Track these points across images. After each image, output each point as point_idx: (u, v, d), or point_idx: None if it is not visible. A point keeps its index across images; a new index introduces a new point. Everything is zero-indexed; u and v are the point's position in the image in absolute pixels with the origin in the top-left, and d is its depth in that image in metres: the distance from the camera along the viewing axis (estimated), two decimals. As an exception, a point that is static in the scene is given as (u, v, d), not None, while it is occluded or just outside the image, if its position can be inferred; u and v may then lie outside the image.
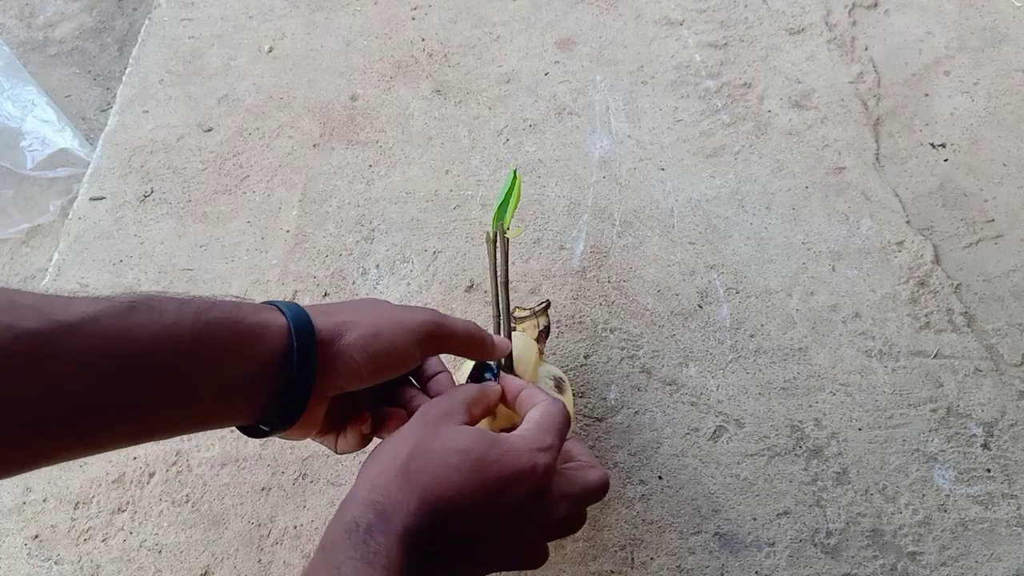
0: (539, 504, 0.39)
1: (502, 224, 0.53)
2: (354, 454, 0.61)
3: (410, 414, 0.43)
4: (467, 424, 0.40)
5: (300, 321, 0.38)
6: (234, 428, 0.41)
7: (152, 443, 0.61)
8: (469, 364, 0.57)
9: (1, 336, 0.29)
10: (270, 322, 0.37)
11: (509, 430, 0.41)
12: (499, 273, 0.52)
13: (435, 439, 0.38)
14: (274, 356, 0.37)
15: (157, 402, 0.34)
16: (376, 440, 0.44)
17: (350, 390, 0.40)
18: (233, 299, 0.38)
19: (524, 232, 0.73)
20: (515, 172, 0.52)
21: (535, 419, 0.42)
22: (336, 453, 0.46)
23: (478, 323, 0.47)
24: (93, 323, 0.31)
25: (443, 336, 0.43)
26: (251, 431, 0.40)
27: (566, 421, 0.42)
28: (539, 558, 0.41)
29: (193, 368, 0.34)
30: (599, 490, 0.42)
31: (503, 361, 0.52)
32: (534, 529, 0.39)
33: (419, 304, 0.69)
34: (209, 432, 0.62)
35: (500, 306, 0.53)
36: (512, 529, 0.38)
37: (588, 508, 0.45)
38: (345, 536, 0.33)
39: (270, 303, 0.39)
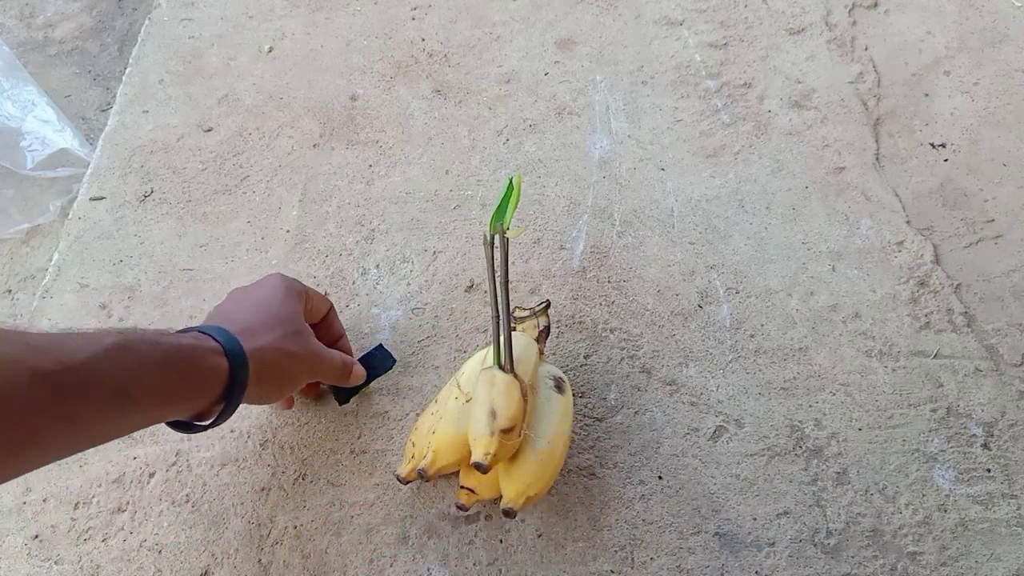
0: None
1: (502, 224, 0.53)
2: (354, 456, 0.61)
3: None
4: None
5: (238, 363, 0.48)
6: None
7: (153, 443, 0.62)
8: (474, 365, 0.57)
9: (25, 376, 0.37)
10: (217, 364, 0.47)
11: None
12: (499, 273, 0.52)
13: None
14: (217, 385, 0.47)
15: (122, 423, 0.43)
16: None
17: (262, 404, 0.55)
18: (191, 342, 0.47)
19: (524, 232, 0.73)
20: (511, 180, 0.52)
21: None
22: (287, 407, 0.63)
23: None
24: (91, 364, 0.40)
25: (316, 375, 0.57)
26: (178, 425, 0.50)
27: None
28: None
29: (151, 401, 0.44)
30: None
31: (505, 362, 0.52)
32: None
33: (419, 304, 0.69)
34: (209, 432, 0.62)
35: (499, 306, 0.53)
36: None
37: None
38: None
39: (211, 337, 0.48)
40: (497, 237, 0.52)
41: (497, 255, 0.52)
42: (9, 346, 0.37)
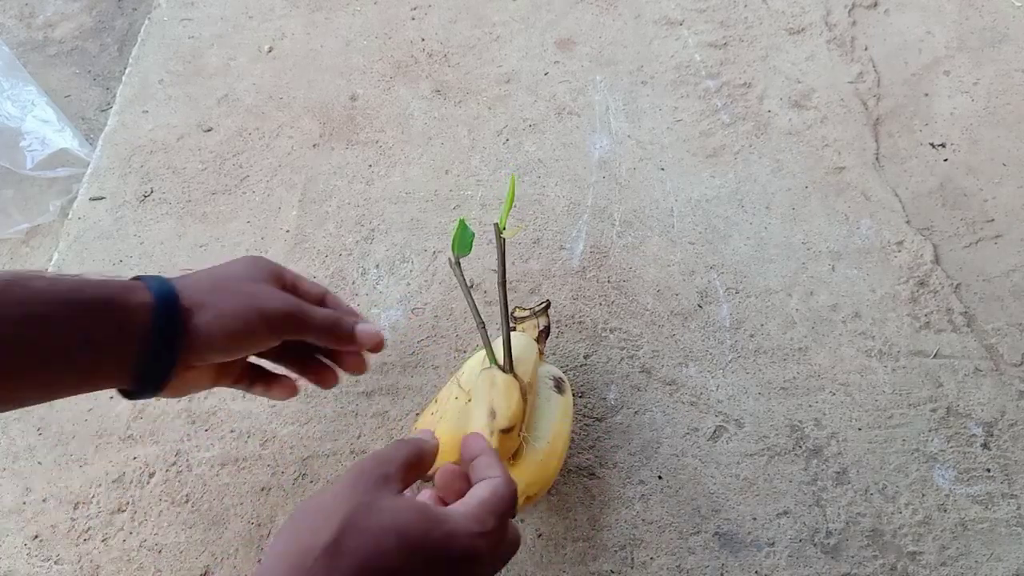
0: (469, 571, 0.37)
1: (497, 225, 0.53)
2: (354, 456, 0.61)
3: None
4: (401, 490, 0.39)
5: (165, 296, 0.41)
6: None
7: (153, 443, 0.62)
8: (474, 365, 0.57)
9: None
10: (137, 300, 0.40)
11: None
12: (498, 273, 0.53)
13: (370, 514, 0.35)
14: (140, 330, 0.40)
15: (31, 369, 0.37)
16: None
17: (214, 362, 0.44)
18: (101, 277, 0.41)
19: (523, 231, 0.73)
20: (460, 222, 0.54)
21: (482, 497, 0.40)
22: (269, 399, 0.52)
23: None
24: None
25: (299, 325, 0.47)
26: (125, 392, 0.44)
27: (512, 503, 0.40)
28: None
29: (65, 340, 0.38)
30: (514, 552, 0.41)
31: (504, 362, 0.52)
32: None
33: (419, 305, 0.69)
34: (209, 432, 0.62)
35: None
36: None
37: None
38: None
39: (138, 278, 0.42)
40: (495, 236, 0.53)
41: (496, 255, 0.53)
42: None
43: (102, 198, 0.76)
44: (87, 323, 0.38)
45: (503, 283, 0.53)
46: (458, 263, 0.54)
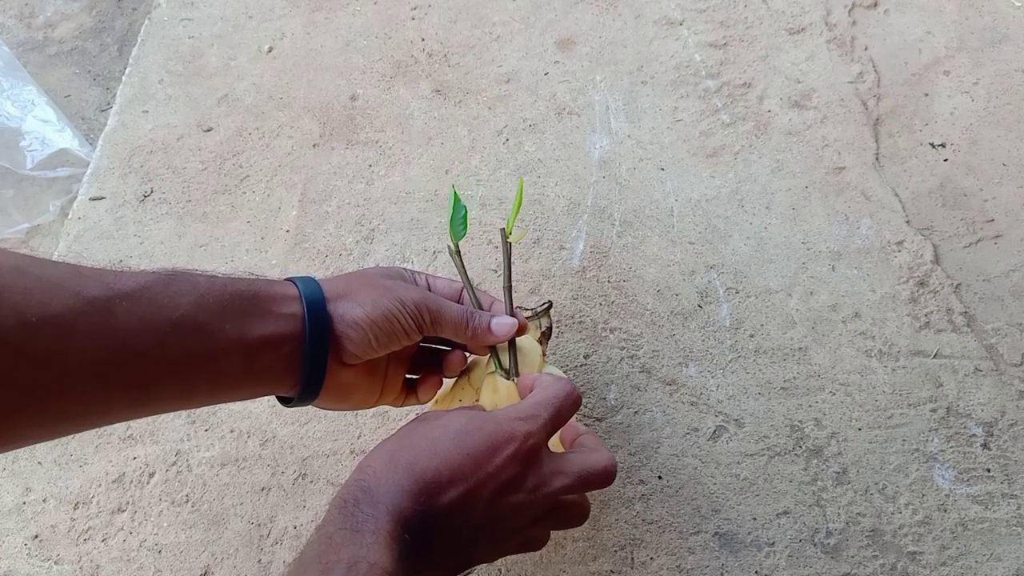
0: (527, 474, 0.39)
1: (503, 229, 0.53)
2: (354, 456, 0.61)
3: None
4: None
5: (312, 292, 0.43)
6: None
7: (153, 443, 0.62)
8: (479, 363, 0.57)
9: (72, 300, 0.34)
10: (285, 294, 0.42)
11: None
12: (503, 278, 0.53)
13: (421, 424, 0.41)
14: (290, 319, 0.42)
15: (196, 357, 0.38)
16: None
17: (363, 356, 0.44)
18: (251, 275, 0.43)
19: (525, 234, 0.73)
20: (453, 191, 0.54)
21: (531, 396, 0.43)
22: (419, 403, 0.54)
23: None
24: (144, 291, 0.37)
25: (436, 317, 0.47)
26: (286, 400, 0.45)
27: (567, 400, 0.43)
28: (536, 541, 0.42)
29: (224, 325, 0.39)
30: (601, 474, 0.42)
31: (510, 367, 0.52)
32: (527, 503, 0.39)
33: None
34: (209, 432, 0.62)
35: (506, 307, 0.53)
36: (501, 503, 0.38)
37: (589, 506, 0.45)
38: (336, 512, 0.36)
39: (288, 279, 0.44)
40: (501, 241, 0.53)
41: (501, 258, 0.53)
42: (55, 269, 0.35)
43: (102, 198, 0.76)
44: (249, 310, 0.40)
45: (508, 287, 0.53)
46: (458, 251, 0.54)
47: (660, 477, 0.60)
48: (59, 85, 0.95)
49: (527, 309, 0.62)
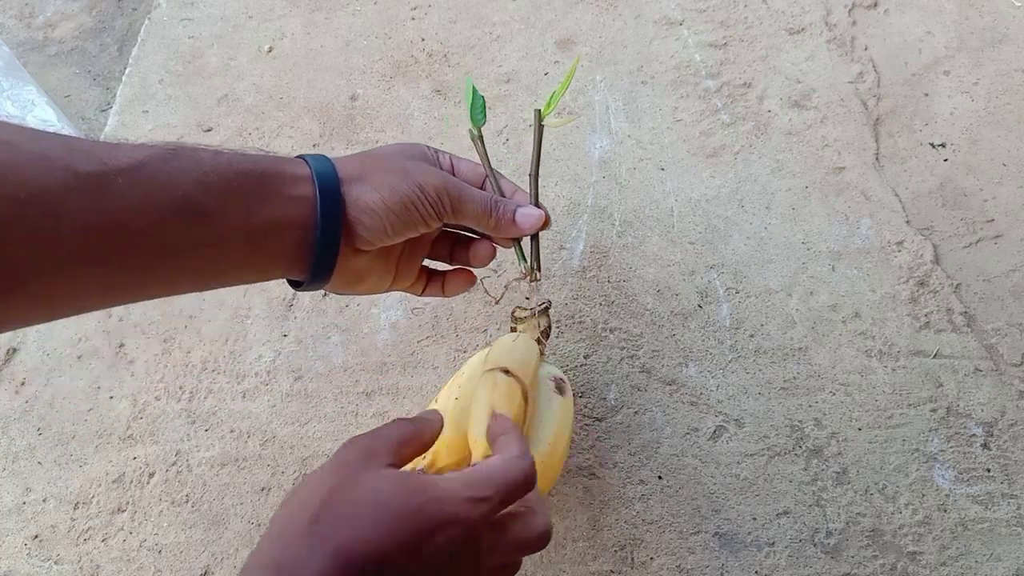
0: (466, 558, 0.35)
1: (539, 110, 0.51)
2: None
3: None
4: (393, 466, 0.37)
5: (325, 172, 0.39)
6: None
7: (153, 443, 0.62)
8: (475, 365, 0.57)
9: (61, 175, 0.31)
10: (295, 173, 0.39)
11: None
12: (532, 164, 0.51)
13: (352, 487, 0.34)
14: (300, 202, 0.39)
15: (198, 241, 0.36)
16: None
17: (377, 243, 0.42)
18: (259, 151, 0.39)
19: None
20: (468, 82, 0.52)
21: (486, 466, 0.38)
22: (445, 296, 0.52)
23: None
24: (141, 167, 0.34)
25: (456, 203, 0.44)
26: (296, 283, 0.42)
27: (523, 480, 0.38)
28: None
29: (228, 208, 0.36)
30: (536, 542, 0.38)
31: (532, 262, 0.50)
32: None
33: (419, 304, 0.68)
34: (209, 432, 0.62)
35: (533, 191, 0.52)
36: None
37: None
38: None
39: (300, 156, 0.41)
40: (534, 123, 0.51)
41: (534, 142, 0.53)
42: (47, 142, 0.32)
43: (102, 198, 0.76)
44: (256, 191, 0.37)
45: (535, 174, 0.50)
46: (480, 136, 0.51)
47: (660, 477, 0.60)
48: (59, 85, 0.95)
49: (525, 309, 0.62)
